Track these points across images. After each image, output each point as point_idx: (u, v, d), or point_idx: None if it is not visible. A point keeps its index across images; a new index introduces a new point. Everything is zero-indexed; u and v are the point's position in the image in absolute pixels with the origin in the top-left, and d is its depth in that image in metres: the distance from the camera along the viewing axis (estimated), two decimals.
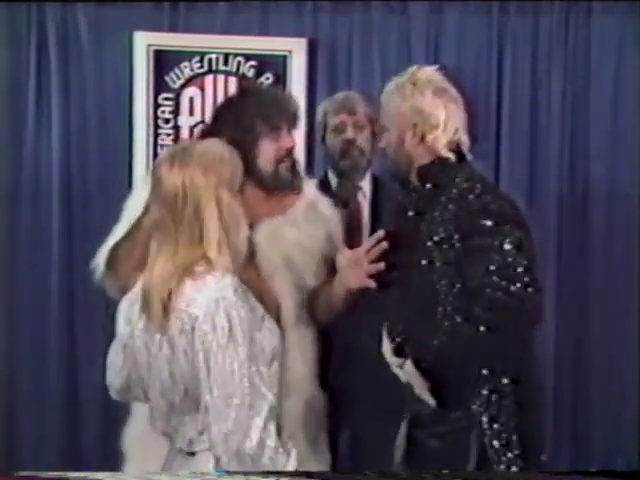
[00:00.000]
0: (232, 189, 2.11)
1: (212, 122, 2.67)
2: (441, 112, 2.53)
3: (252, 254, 2.30)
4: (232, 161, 2.14)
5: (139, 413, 2.51)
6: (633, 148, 3.95)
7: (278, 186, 2.52)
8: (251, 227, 2.27)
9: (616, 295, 3.98)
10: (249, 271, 2.25)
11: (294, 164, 2.58)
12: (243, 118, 2.51)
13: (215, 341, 1.97)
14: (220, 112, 2.69)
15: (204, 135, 2.61)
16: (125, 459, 2.56)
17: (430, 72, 2.59)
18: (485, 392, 2.43)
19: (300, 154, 3.26)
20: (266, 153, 2.50)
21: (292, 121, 2.57)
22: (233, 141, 2.26)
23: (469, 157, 2.59)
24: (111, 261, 2.48)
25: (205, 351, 1.98)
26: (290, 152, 2.55)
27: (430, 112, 2.52)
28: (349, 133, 3.21)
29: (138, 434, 2.51)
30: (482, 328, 2.34)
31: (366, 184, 3.27)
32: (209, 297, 2.00)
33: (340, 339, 2.73)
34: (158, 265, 2.08)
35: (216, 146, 2.16)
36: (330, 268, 2.57)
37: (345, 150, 3.21)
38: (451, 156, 2.53)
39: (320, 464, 2.55)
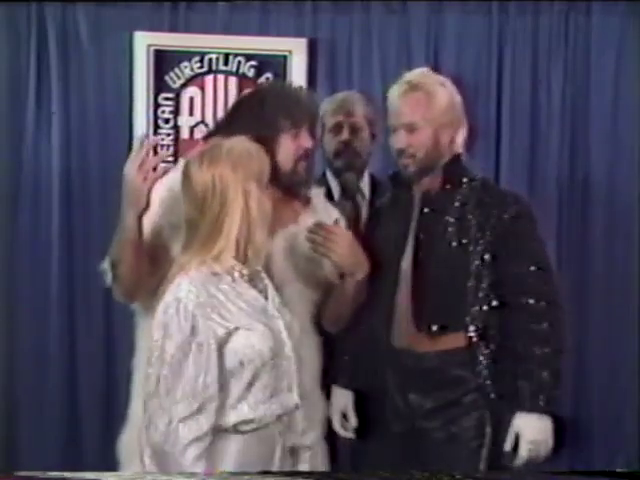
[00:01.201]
0: (260, 184, 2.14)
1: (231, 114, 2.63)
2: (463, 111, 2.59)
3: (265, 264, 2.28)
4: (259, 156, 2.17)
5: (134, 419, 2.51)
6: (633, 148, 3.95)
7: (294, 186, 2.49)
8: None
9: (616, 295, 3.98)
10: None
11: (309, 166, 2.55)
12: (265, 112, 2.47)
13: (152, 341, 2.05)
14: (240, 105, 2.65)
15: (220, 127, 2.58)
16: (121, 465, 2.55)
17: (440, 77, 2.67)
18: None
19: None
20: (286, 150, 2.47)
21: (313, 121, 2.55)
22: (253, 134, 2.25)
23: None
24: (113, 265, 2.47)
25: (150, 350, 2.06)
26: (308, 152, 2.52)
27: (460, 111, 2.58)
28: (345, 134, 3.20)
29: (134, 440, 2.50)
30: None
31: (365, 185, 3.27)
32: (164, 300, 2.05)
33: (342, 343, 2.73)
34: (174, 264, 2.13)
35: (243, 142, 2.17)
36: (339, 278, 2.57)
37: (339, 151, 3.21)
38: (465, 154, 2.60)
39: (321, 467, 2.55)
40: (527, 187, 3.96)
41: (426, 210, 2.61)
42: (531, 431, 2.48)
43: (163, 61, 3.95)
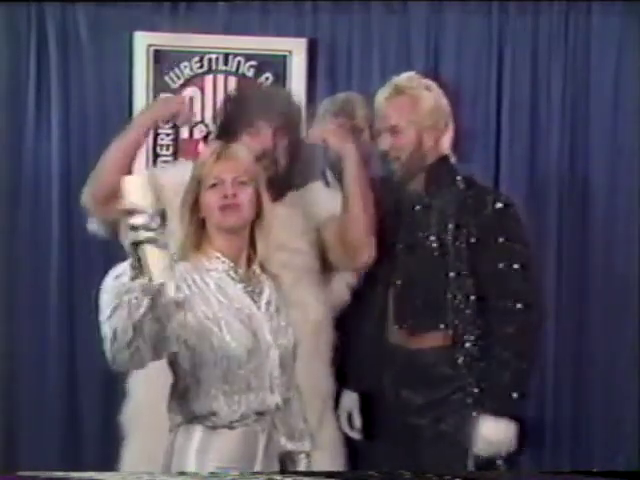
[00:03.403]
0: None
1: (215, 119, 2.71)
2: (450, 115, 2.62)
3: None
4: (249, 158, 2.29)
5: (135, 392, 2.54)
6: (633, 148, 3.95)
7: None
8: None
9: (616, 295, 3.98)
10: None
11: (274, 165, 2.56)
12: (227, 113, 2.53)
13: None
14: (220, 108, 2.71)
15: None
16: (125, 435, 2.58)
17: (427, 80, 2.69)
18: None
19: None
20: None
21: (282, 121, 2.56)
22: (218, 136, 2.30)
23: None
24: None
25: None
26: (268, 153, 2.54)
27: (446, 113, 2.61)
28: None
29: (138, 411, 2.54)
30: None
31: None
32: None
33: (344, 338, 2.75)
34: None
35: (237, 145, 2.33)
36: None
37: None
38: (452, 155, 2.62)
39: (332, 462, 2.57)
40: (527, 187, 3.97)
41: (411, 211, 2.64)
42: (486, 431, 2.54)
43: (163, 61, 3.95)
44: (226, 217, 2.20)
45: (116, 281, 2.01)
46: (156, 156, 3.96)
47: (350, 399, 2.78)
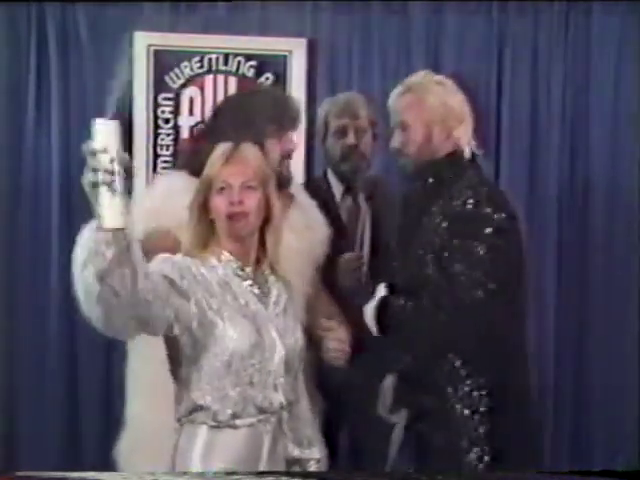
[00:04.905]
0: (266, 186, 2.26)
1: (212, 120, 2.68)
2: (466, 109, 2.61)
3: None
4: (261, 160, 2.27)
5: (132, 423, 2.52)
6: (633, 148, 3.96)
7: (279, 186, 2.51)
8: None
9: (616, 295, 3.98)
10: None
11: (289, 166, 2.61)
12: (250, 117, 2.53)
13: None
14: (222, 110, 2.70)
15: (204, 133, 2.62)
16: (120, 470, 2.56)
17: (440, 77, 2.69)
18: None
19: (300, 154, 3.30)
20: (272, 153, 2.52)
21: (294, 123, 2.59)
22: (240, 138, 2.28)
23: (478, 156, 2.66)
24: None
25: None
26: (291, 154, 2.58)
27: (459, 108, 2.60)
28: (350, 138, 3.19)
29: (132, 446, 2.52)
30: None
31: None
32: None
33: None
34: None
35: (248, 146, 2.26)
36: (321, 272, 2.62)
37: (346, 154, 3.20)
38: (467, 150, 2.59)
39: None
40: (527, 187, 3.97)
41: (416, 208, 2.63)
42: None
43: (163, 61, 3.95)
44: (233, 225, 2.18)
45: (90, 232, 1.93)
46: (156, 156, 3.96)
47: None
